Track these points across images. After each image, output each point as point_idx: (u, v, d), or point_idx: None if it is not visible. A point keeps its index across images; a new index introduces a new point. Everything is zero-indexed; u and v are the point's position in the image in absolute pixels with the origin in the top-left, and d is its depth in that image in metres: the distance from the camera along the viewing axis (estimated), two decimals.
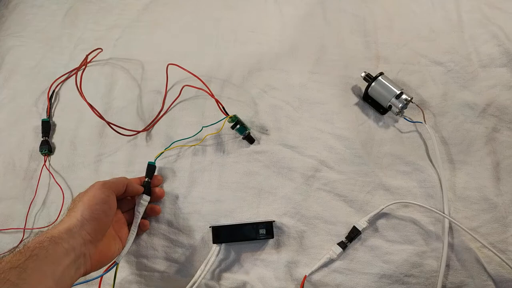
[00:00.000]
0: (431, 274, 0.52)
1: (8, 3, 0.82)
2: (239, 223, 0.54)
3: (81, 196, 0.45)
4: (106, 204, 0.45)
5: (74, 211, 0.43)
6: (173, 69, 0.64)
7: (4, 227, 0.58)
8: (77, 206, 0.44)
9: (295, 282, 0.53)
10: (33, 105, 0.68)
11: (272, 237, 0.52)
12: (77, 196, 0.46)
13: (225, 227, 0.53)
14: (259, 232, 0.52)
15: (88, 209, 0.43)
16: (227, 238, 0.52)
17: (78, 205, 0.44)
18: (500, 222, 0.54)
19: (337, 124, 0.62)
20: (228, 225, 0.53)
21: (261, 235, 0.52)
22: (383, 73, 0.61)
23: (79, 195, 0.46)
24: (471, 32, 0.68)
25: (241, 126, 0.59)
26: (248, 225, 0.52)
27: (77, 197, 0.46)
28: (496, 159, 0.58)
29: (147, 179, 0.57)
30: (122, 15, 0.78)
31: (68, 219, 0.42)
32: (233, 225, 0.53)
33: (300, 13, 0.74)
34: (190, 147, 0.61)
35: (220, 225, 0.53)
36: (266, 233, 0.52)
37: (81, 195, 0.46)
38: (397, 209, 0.56)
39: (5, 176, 0.63)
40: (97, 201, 0.44)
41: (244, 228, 0.52)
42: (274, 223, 0.55)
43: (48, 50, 0.74)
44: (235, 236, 0.52)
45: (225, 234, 0.52)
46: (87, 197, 0.45)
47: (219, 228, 0.53)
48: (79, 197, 0.45)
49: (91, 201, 0.44)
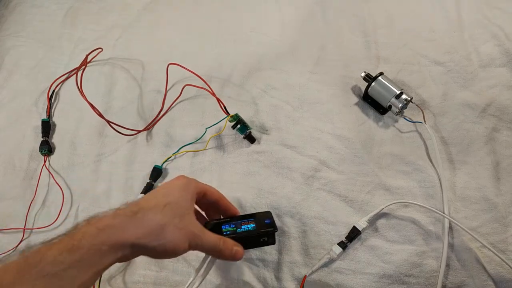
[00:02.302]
0: (431, 274, 0.52)
1: (8, 3, 0.82)
2: (241, 230, 0.46)
3: (166, 196, 0.39)
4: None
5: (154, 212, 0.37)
6: (173, 69, 0.64)
7: (4, 227, 0.58)
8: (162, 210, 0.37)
9: (295, 282, 0.53)
10: (33, 105, 0.68)
11: (273, 243, 0.47)
12: (161, 189, 0.40)
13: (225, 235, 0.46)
14: (260, 240, 0.46)
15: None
16: None
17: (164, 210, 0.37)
18: (500, 222, 0.54)
19: (337, 124, 0.62)
20: (228, 234, 0.46)
21: (262, 242, 0.46)
22: (383, 73, 0.61)
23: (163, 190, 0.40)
24: (471, 32, 0.68)
25: (242, 125, 0.59)
26: (249, 235, 0.46)
27: (162, 192, 0.39)
28: (496, 159, 0.58)
29: (150, 181, 0.57)
30: (122, 15, 0.78)
31: (140, 229, 0.35)
32: (234, 235, 0.45)
33: (300, 13, 0.74)
34: (194, 149, 0.61)
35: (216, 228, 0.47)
36: (268, 240, 0.46)
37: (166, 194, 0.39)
38: (397, 209, 0.56)
39: (5, 176, 0.63)
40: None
41: (245, 238, 0.46)
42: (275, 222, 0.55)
43: (48, 50, 0.74)
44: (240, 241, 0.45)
45: None
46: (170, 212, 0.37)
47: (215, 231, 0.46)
48: (164, 196, 0.39)
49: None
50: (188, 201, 0.40)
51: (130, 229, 0.35)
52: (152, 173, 0.59)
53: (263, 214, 0.49)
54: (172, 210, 0.38)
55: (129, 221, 0.35)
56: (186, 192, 0.41)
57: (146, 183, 0.59)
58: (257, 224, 0.47)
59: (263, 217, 0.49)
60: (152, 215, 0.37)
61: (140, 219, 0.36)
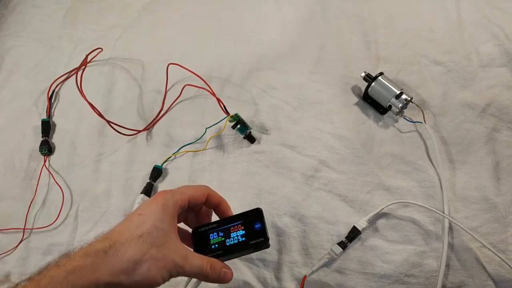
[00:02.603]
0: (431, 274, 0.52)
1: (8, 3, 0.82)
2: (230, 242, 0.42)
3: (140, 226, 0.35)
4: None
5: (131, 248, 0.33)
6: (173, 69, 0.64)
7: (4, 227, 0.58)
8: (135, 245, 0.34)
9: (295, 282, 0.53)
10: (33, 105, 0.68)
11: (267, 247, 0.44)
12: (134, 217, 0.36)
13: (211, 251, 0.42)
14: (252, 249, 0.42)
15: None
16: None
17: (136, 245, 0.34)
18: (500, 222, 0.54)
19: (337, 124, 0.62)
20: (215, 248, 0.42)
21: (254, 250, 0.43)
22: (383, 73, 0.61)
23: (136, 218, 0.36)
24: (471, 32, 0.68)
25: (242, 125, 0.59)
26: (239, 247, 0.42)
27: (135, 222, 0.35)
28: (496, 159, 0.58)
29: (150, 181, 0.57)
30: (122, 15, 0.78)
31: (112, 267, 0.33)
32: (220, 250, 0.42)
33: (300, 13, 0.74)
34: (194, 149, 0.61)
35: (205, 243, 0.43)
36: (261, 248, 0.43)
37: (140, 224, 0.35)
38: (397, 209, 0.56)
39: (5, 176, 0.63)
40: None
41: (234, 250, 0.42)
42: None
43: (48, 50, 0.74)
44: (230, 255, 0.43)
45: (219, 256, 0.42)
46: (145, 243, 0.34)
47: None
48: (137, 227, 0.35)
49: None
50: (167, 224, 0.36)
51: (102, 269, 0.32)
52: (152, 173, 0.59)
53: (253, 215, 0.44)
54: (147, 241, 0.34)
55: (100, 260, 0.32)
56: (164, 215, 0.36)
57: (146, 183, 0.59)
58: (247, 232, 0.43)
59: (253, 219, 0.44)
60: (125, 250, 0.33)
61: (113, 256, 0.33)
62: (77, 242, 0.57)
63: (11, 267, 0.56)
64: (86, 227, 0.58)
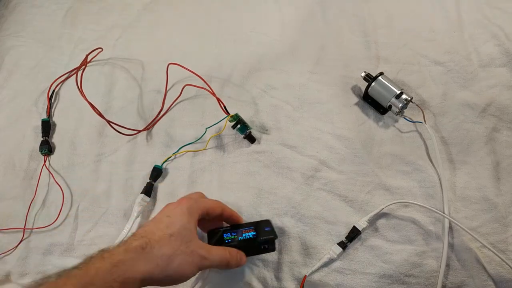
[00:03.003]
0: (431, 274, 0.52)
1: (8, 3, 0.82)
2: (242, 238, 0.48)
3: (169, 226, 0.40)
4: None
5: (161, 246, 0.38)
6: (173, 69, 0.64)
7: (4, 227, 0.58)
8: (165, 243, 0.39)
9: (295, 282, 0.53)
10: (33, 105, 0.68)
11: (273, 250, 0.49)
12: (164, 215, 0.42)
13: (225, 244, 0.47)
14: (261, 248, 0.48)
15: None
16: None
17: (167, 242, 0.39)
18: (500, 222, 0.54)
19: (337, 124, 0.62)
20: (228, 242, 0.47)
21: (262, 250, 0.49)
22: (383, 73, 0.61)
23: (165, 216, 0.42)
24: (471, 32, 0.68)
25: (242, 125, 0.59)
26: (250, 242, 0.48)
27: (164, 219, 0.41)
28: (496, 159, 0.58)
29: (150, 181, 0.57)
30: (122, 15, 0.78)
31: (149, 264, 0.37)
32: (233, 243, 0.47)
33: (300, 13, 0.74)
34: (194, 149, 0.61)
35: (218, 241, 0.47)
36: (268, 247, 0.48)
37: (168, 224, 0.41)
38: (397, 209, 0.56)
39: (5, 176, 0.63)
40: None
41: (246, 246, 0.47)
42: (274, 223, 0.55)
43: (48, 50, 0.74)
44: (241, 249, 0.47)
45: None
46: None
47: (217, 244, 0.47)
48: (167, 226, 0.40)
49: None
50: (192, 225, 0.42)
51: (140, 265, 0.36)
52: (152, 173, 0.59)
53: (263, 222, 0.51)
54: (178, 239, 0.39)
55: (139, 256, 0.37)
56: (189, 217, 0.42)
57: (146, 183, 0.59)
58: (257, 232, 0.49)
59: (263, 224, 0.51)
60: (159, 248, 0.38)
61: (149, 253, 0.37)
62: (77, 242, 0.57)
63: (11, 267, 0.56)
64: (86, 227, 0.58)
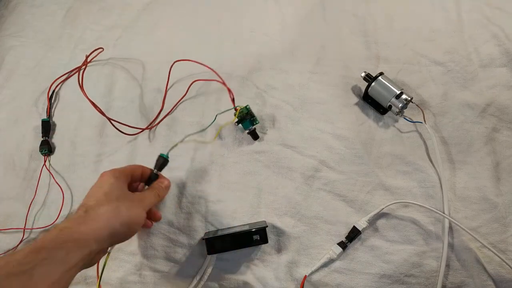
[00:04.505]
0: (431, 274, 0.52)
1: (7, 3, 0.82)
2: (232, 232, 0.52)
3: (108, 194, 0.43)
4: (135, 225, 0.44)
5: (102, 213, 0.40)
6: (173, 69, 0.64)
7: (4, 227, 0.58)
8: (105, 209, 0.41)
9: (295, 282, 0.53)
10: (33, 105, 0.68)
11: (266, 242, 0.51)
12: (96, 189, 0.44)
13: (218, 237, 0.52)
14: (253, 239, 0.51)
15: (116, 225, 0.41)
16: (221, 248, 0.51)
17: (108, 208, 0.41)
18: (500, 222, 0.54)
19: (337, 124, 0.62)
20: (221, 235, 0.52)
21: (255, 241, 0.51)
22: (383, 73, 0.61)
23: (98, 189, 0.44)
24: (471, 32, 0.68)
25: (250, 118, 0.59)
26: (242, 234, 0.51)
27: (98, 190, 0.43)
28: (496, 159, 0.58)
29: (155, 171, 0.53)
30: (122, 15, 0.78)
31: (96, 222, 0.39)
32: (226, 235, 0.52)
33: (300, 13, 0.74)
34: (199, 143, 0.61)
35: (213, 236, 0.52)
36: (260, 239, 0.51)
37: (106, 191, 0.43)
38: (397, 209, 0.56)
39: (5, 176, 0.63)
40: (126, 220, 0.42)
41: (237, 237, 0.51)
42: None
43: (48, 50, 0.74)
44: (229, 245, 0.51)
45: (219, 245, 0.51)
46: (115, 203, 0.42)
47: (212, 239, 0.52)
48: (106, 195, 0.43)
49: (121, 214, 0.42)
50: (120, 184, 0.45)
51: (88, 225, 0.38)
52: (156, 162, 0.53)
53: (258, 222, 0.54)
54: (113, 195, 0.42)
55: (84, 220, 0.39)
56: (115, 179, 0.45)
57: (151, 173, 0.53)
58: (250, 226, 0.53)
59: (257, 223, 0.54)
60: (100, 207, 0.40)
61: (92, 214, 0.40)
62: None
63: None
64: None
